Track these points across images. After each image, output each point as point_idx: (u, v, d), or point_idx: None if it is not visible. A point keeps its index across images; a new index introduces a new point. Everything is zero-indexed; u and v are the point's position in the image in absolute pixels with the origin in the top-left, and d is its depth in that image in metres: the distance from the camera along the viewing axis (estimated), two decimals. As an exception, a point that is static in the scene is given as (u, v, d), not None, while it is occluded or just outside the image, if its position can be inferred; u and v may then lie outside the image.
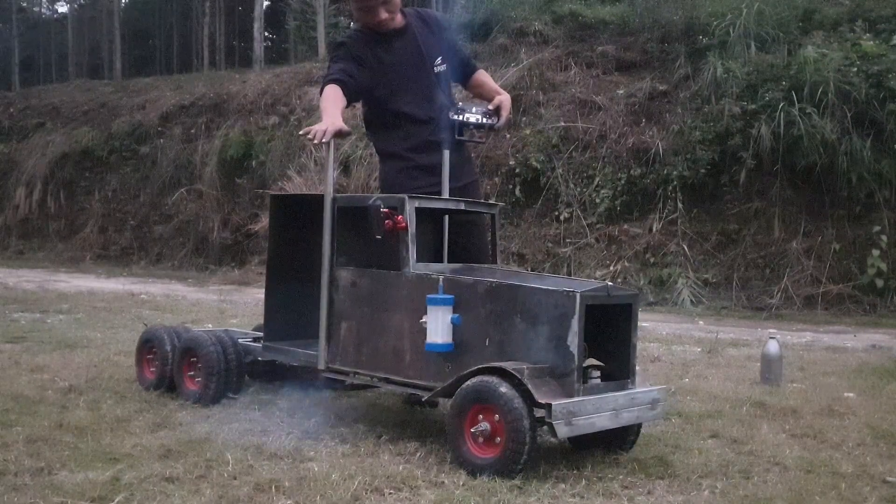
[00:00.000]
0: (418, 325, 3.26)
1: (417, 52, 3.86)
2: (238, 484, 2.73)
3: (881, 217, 10.13)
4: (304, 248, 3.86)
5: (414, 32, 3.89)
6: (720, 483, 2.93)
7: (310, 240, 3.76)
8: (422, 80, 3.85)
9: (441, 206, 3.71)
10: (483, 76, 4.11)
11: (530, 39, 14.63)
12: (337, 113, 3.59)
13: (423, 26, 3.95)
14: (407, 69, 3.84)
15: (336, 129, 3.44)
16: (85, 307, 8.36)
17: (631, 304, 3.25)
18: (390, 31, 3.85)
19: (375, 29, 3.84)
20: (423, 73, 3.86)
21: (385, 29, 3.82)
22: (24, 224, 19.38)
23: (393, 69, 3.82)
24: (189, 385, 4.03)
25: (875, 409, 4.27)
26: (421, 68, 3.86)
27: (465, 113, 3.69)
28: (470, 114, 3.69)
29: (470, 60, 4.15)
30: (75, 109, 21.09)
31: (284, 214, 4.00)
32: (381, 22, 3.79)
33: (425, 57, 3.87)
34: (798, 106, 10.42)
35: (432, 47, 3.90)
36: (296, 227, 3.95)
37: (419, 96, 3.84)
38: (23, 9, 36.12)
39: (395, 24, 3.85)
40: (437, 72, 3.88)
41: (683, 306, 10.09)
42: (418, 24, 3.94)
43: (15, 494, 2.57)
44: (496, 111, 3.80)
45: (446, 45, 3.96)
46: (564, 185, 12.15)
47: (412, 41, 3.87)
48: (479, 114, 3.73)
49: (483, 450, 2.93)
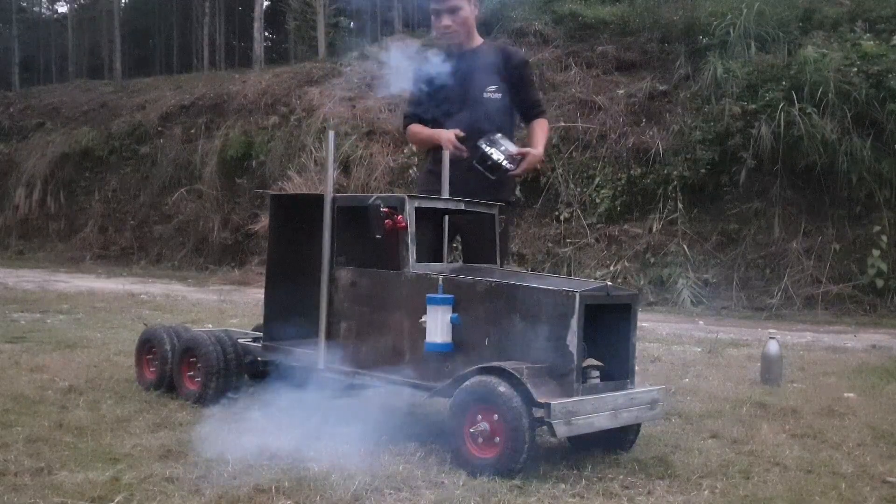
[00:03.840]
0: (418, 324, 3.26)
1: (472, 73, 4.10)
2: (238, 484, 2.73)
3: (881, 217, 10.13)
4: (304, 248, 3.86)
5: (479, 56, 4.16)
6: (720, 483, 2.93)
7: (310, 240, 3.76)
8: (468, 102, 4.09)
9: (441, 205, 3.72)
10: (538, 126, 4.25)
11: (530, 39, 14.63)
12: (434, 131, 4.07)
13: (493, 54, 4.19)
14: (459, 88, 4.10)
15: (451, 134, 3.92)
16: (85, 307, 8.36)
17: (630, 304, 3.25)
18: (459, 52, 4.14)
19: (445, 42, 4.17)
20: (471, 95, 4.08)
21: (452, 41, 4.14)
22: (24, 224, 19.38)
23: (448, 85, 4.09)
24: (189, 385, 4.03)
25: (875, 409, 4.27)
26: (470, 90, 4.10)
27: (493, 146, 3.86)
28: (496, 149, 3.85)
29: (537, 105, 4.32)
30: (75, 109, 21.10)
31: (284, 214, 4.00)
32: (446, 29, 4.10)
33: (479, 80, 4.10)
34: (798, 106, 10.42)
35: (491, 75, 4.12)
36: (296, 227, 3.95)
37: (462, 115, 4.07)
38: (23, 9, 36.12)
39: (469, 45, 4.17)
40: (486, 97, 4.08)
41: (683, 306, 10.09)
42: (489, 51, 4.21)
43: (15, 494, 2.57)
44: (520, 159, 3.96)
45: (513, 79, 4.17)
46: (564, 185, 12.16)
47: (472, 63, 4.12)
48: (504, 154, 3.86)
49: (482, 450, 2.93)
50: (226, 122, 17.33)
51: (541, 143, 4.13)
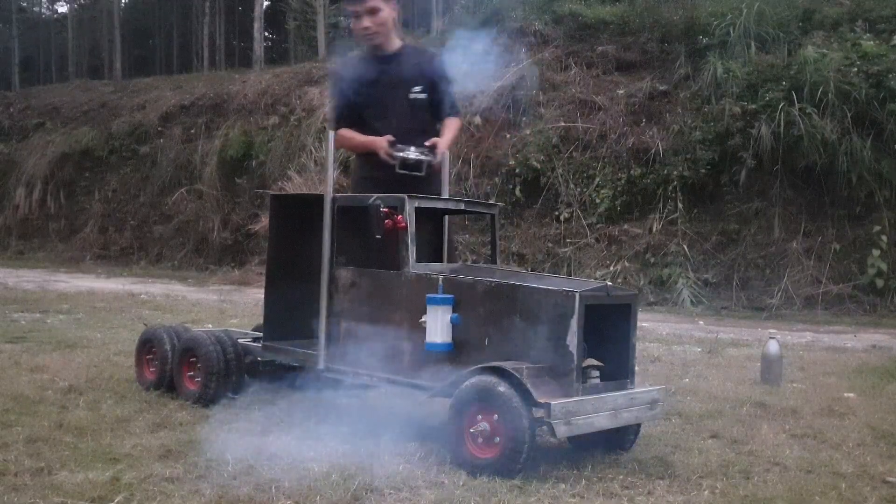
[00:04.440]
0: (418, 324, 3.26)
1: (398, 76, 4.19)
2: (238, 484, 2.73)
3: (881, 217, 10.13)
4: (304, 248, 3.86)
5: (402, 58, 4.25)
6: (720, 483, 2.93)
7: (310, 240, 3.76)
8: (396, 103, 4.19)
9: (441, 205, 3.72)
10: (451, 122, 4.35)
11: (530, 39, 14.63)
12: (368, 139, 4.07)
13: (415, 56, 4.32)
14: (385, 90, 4.18)
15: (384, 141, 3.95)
16: (85, 307, 8.36)
17: (630, 304, 3.25)
18: (381, 55, 4.20)
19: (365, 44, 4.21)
20: (398, 97, 4.18)
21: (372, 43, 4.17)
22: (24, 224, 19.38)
23: (374, 89, 4.18)
24: (189, 385, 4.02)
25: (875, 409, 4.27)
26: (397, 92, 4.18)
27: (404, 151, 4.00)
28: (409, 152, 4.00)
29: (453, 105, 4.41)
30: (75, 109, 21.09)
31: (284, 214, 4.00)
32: (366, 31, 4.14)
33: (404, 82, 4.20)
34: (798, 106, 10.42)
35: (415, 76, 4.22)
36: (296, 227, 3.95)
37: (390, 116, 4.17)
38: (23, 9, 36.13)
39: (388, 49, 4.22)
40: (412, 98, 4.20)
41: (683, 306, 10.09)
42: (411, 53, 4.32)
43: (15, 494, 2.57)
44: (432, 148, 4.06)
45: (434, 80, 4.25)
46: (564, 185, 12.15)
47: (397, 66, 4.21)
48: (418, 151, 4.02)
49: (482, 450, 2.93)
50: (226, 122, 17.33)
51: (448, 137, 4.25)
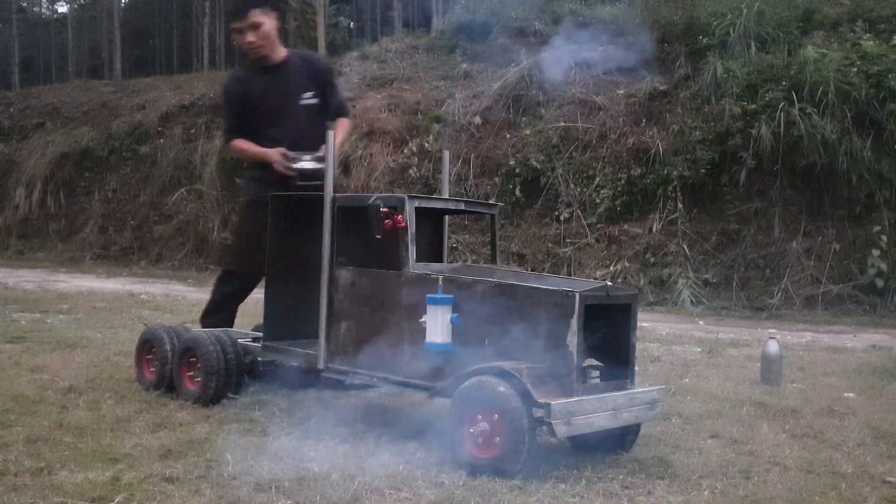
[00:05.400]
0: (418, 324, 3.26)
1: (287, 84, 4.44)
2: (238, 484, 2.73)
3: (881, 217, 10.13)
4: (304, 248, 3.86)
5: (289, 68, 4.49)
6: (720, 483, 2.93)
7: (310, 240, 3.76)
8: (288, 110, 4.43)
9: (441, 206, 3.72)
10: (341, 123, 4.61)
11: (530, 39, 14.62)
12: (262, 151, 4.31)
13: (301, 64, 4.55)
14: (276, 98, 4.43)
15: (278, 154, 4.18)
16: (85, 307, 8.35)
17: (630, 304, 3.25)
18: (268, 66, 4.43)
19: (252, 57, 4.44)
20: (291, 104, 4.42)
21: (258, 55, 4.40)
22: (24, 224, 19.36)
23: (265, 98, 4.42)
24: (189, 385, 4.02)
25: (875, 409, 4.27)
26: (289, 99, 4.44)
27: (298, 161, 4.21)
28: (304, 161, 4.21)
29: (342, 107, 4.71)
30: (75, 109, 21.08)
31: (284, 214, 4.01)
32: (251, 45, 4.36)
33: (294, 89, 4.44)
34: (798, 106, 10.42)
35: (304, 83, 4.48)
36: (296, 227, 3.95)
37: (284, 123, 4.41)
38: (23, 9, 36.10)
39: (275, 59, 4.45)
40: (304, 104, 4.44)
41: (683, 306, 10.09)
42: (297, 62, 4.55)
43: (15, 494, 2.57)
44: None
45: (323, 84, 4.55)
46: (564, 185, 12.15)
47: (284, 75, 4.45)
48: (313, 159, 4.22)
49: (482, 450, 2.93)
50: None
51: (339, 137, 4.44)
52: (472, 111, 13.65)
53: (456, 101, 13.99)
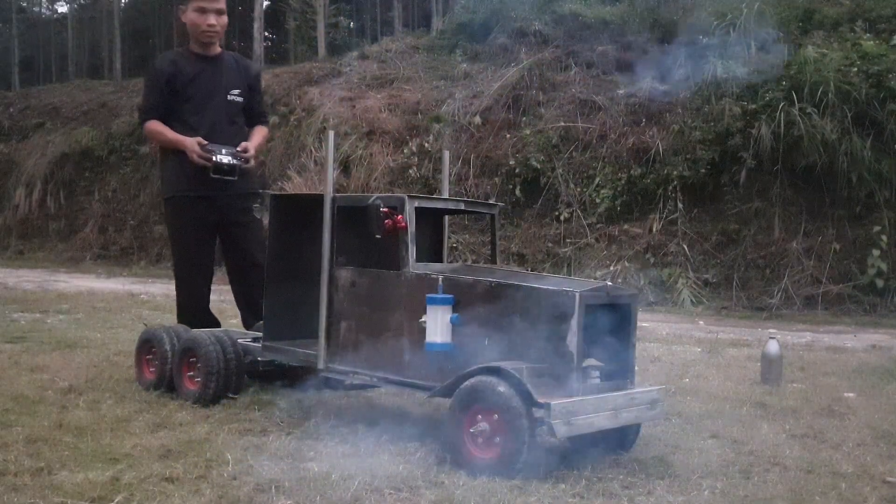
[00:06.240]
0: (418, 324, 3.26)
1: (219, 76, 4.61)
2: (238, 484, 2.72)
3: (881, 217, 10.12)
4: (304, 248, 3.86)
5: (223, 63, 4.67)
6: (720, 483, 2.93)
7: (310, 240, 3.76)
8: (214, 101, 4.57)
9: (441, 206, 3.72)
10: (258, 130, 4.77)
11: (530, 39, 14.62)
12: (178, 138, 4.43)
13: (233, 63, 4.75)
14: (205, 87, 4.57)
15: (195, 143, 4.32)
16: (85, 307, 8.35)
17: (630, 304, 3.25)
18: (206, 55, 4.61)
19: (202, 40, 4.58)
20: (217, 96, 4.59)
21: (209, 41, 4.58)
22: (24, 224, 19.37)
23: (194, 84, 4.55)
24: (189, 385, 4.02)
25: (875, 409, 4.27)
26: (217, 91, 4.59)
27: (216, 154, 4.33)
28: (221, 155, 4.34)
29: (262, 115, 4.90)
30: (75, 109, 21.09)
31: (284, 214, 4.01)
32: (210, 28, 4.52)
33: (224, 83, 4.62)
34: (798, 106, 10.41)
35: (233, 81, 4.64)
36: (296, 227, 3.95)
37: (206, 113, 4.54)
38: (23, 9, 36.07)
39: (212, 52, 4.65)
40: (230, 100, 4.63)
41: (683, 306, 10.09)
42: (230, 61, 4.75)
43: (15, 494, 2.56)
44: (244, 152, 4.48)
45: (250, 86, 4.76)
46: (564, 185, 12.15)
47: (217, 69, 4.63)
48: (230, 154, 4.38)
49: (482, 450, 2.93)
50: (226, 122, 17.30)
51: (256, 142, 4.65)
52: (472, 111, 13.65)
53: (456, 101, 13.99)
